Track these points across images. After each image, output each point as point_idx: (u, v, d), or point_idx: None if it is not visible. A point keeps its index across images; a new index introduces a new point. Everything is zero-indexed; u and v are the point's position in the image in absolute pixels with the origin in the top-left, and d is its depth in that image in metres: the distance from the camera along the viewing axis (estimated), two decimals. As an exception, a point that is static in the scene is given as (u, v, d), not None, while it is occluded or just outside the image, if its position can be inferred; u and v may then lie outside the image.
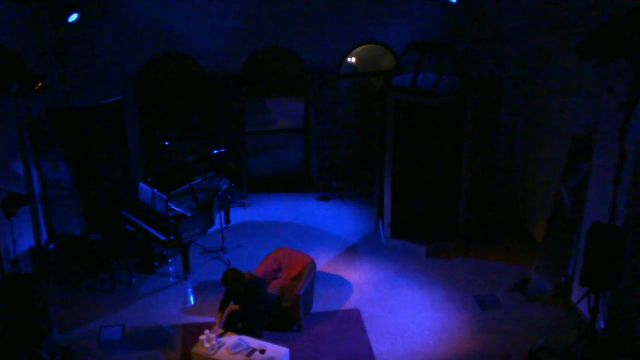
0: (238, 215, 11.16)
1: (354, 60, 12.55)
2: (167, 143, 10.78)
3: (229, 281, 7.45)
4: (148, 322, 8.42)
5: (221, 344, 7.16)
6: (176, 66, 11.26)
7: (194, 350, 7.19)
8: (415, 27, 11.07)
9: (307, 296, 8.32)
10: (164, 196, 9.19)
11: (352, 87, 12.83)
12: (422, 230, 9.98)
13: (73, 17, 9.45)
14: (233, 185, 10.34)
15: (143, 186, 9.59)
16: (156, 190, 9.33)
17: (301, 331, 8.16)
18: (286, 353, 7.14)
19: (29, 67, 7.13)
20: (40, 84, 7.13)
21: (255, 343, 7.19)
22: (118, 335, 8.17)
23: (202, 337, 7.11)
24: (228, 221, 10.60)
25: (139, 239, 9.69)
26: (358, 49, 11.59)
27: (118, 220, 9.74)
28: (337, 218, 11.14)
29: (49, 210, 10.02)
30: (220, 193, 9.77)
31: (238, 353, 7.04)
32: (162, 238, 9.09)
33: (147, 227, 9.31)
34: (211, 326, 7.43)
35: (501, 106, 10.60)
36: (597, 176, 7.73)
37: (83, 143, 10.02)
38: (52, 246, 9.97)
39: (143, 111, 11.25)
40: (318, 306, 8.65)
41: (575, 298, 8.15)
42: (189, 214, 9.40)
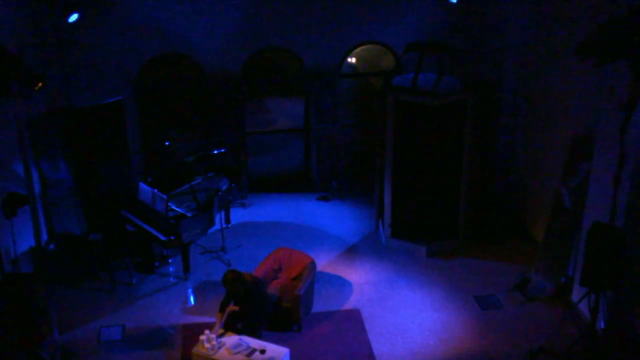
0: (238, 215, 11.16)
1: (354, 60, 12.55)
2: (167, 143, 10.77)
3: (229, 282, 7.46)
4: (148, 322, 8.42)
5: (221, 344, 7.16)
6: (176, 66, 11.25)
7: (194, 350, 7.19)
8: (415, 27, 11.07)
9: (307, 296, 8.32)
10: (164, 196, 9.19)
11: (352, 87, 12.82)
12: (422, 230, 9.97)
13: (73, 17, 9.44)
14: (233, 185, 10.34)
15: (143, 186, 9.59)
16: (156, 190, 9.33)
17: (301, 331, 8.16)
18: (286, 353, 7.14)
19: (29, 67, 7.13)
20: (40, 84, 7.13)
21: (255, 343, 7.20)
22: (118, 335, 8.17)
23: (202, 337, 7.11)
24: (228, 221, 10.60)
25: (139, 239, 9.69)
26: (358, 49, 11.59)
27: (118, 220, 9.74)
28: (337, 218, 11.14)
29: (49, 210, 10.02)
30: (220, 193, 9.77)
31: (238, 353, 7.04)
32: (162, 238, 9.09)
33: (147, 227, 9.32)
34: (211, 326, 7.43)
35: (501, 106, 10.60)
36: (597, 176, 7.73)
37: (83, 143, 10.03)
38: (52, 246, 9.97)
39: (143, 111, 11.24)
40: (318, 306, 8.65)
41: (575, 298, 8.15)
42: (189, 214, 9.40)
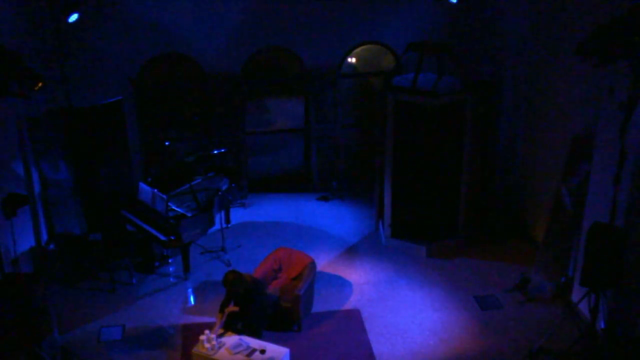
0: (238, 215, 11.16)
1: (354, 60, 12.54)
2: (167, 143, 10.78)
3: (230, 282, 7.45)
4: (148, 322, 8.42)
5: (221, 344, 7.16)
6: (176, 66, 11.25)
7: (194, 350, 7.19)
8: (415, 27, 11.07)
9: (307, 296, 8.32)
10: (164, 196, 9.19)
11: (352, 87, 12.81)
12: (422, 230, 9.98)
13: (73, 17, 9.43)
14: (233, 185, 10.34)
15: (143, 186, 9.59)
16: (156, 190, 9.33)
17: (301, 331, 8.16)
18: (286, 353, 7.14)
19: (29, 67, 7.13)
20: (40, 84, 7.12)
21: (255, 343, 7.20)
22: (118, 335, 8.17)
23: (202, 337, 7.11)
24: (228, 221, 10.60)
25: (139, 239, 9.69)
26: (358, 49, 11.59)
27: (118, 220, 9.73)
28: (337, 218, 11.14)
29: (49, 210, 10.01)
30: (220, 193, 9.77)
31: (238, 353, 7.04)
32: (162, 238, 9.09)
33: (147, 227, 9.32)
34: (211, 326, 7.43)
35: (501, 106, 10.60)
36: (597, 176, 7.73)
37: (83, 143, 10.02)
38: (52, 246, 9.96)
39: (143, 111, 11.25)
40: (318, 306, 8.65)
41: (575, 298, 8.15)
42: (189, 214, 9.40)
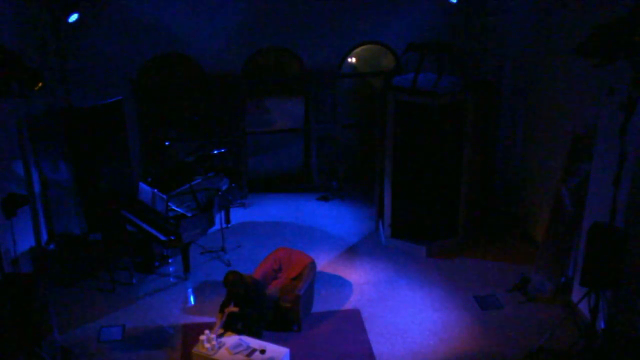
0: (238, 215, 11.16)
1: (354, 60, 12.55)
2: (167, 143, 10.78)
3: (230, 283, 7.46)
4: (148, 322, 8.42)
5: (221, 344, 7.16)
6: (176, 66, 11.25)
7: (194, 350, 7.19)
8: (415, 27, 11.08)
9: (307, 296, 8.32)
10: (164, 196, 9.19)
11: (352, 87, 12.82)
12: (422, 230, 9.98)
13: (73, 17, 9.45)
14: (233, 185, 10.34)
15: (143, 186, 9.59)
16: (156, 190, 9.33)
17: (301, 331, 8.16)
18: (286, 353, 7.14)
19: (29, 67, 7.13)
20: (40, 84, 7.12)
21: (255, 343, 7.20)
22: (118, 335, 8.17)
23: (202, 337, 7.10)
24: (228, 221, 10.60)
25: (139, 239, 9.69)
26: (358, 49, 11.59)
27: (118, 220, 9.73)
28: (337, 218, 11.14)
29: (49, 210, 10.01)
30: (220, 193, 9.77)
31: (238, 353, 7.04)
32: (162, 238, 9.09)
33: (147, 227, 9.31)
34: (211, 326, 7.43)
35: (501, 106, 10.60)
36: (597, 176, 7.73)
37: (83, 143, 10.02)
38: (52, 246, 9.96)
39: (143, 111, 11.25)
40: (318, 306, 8.65)
41: (575, 298, 8.15)
42: (189, 214, 9.40)
